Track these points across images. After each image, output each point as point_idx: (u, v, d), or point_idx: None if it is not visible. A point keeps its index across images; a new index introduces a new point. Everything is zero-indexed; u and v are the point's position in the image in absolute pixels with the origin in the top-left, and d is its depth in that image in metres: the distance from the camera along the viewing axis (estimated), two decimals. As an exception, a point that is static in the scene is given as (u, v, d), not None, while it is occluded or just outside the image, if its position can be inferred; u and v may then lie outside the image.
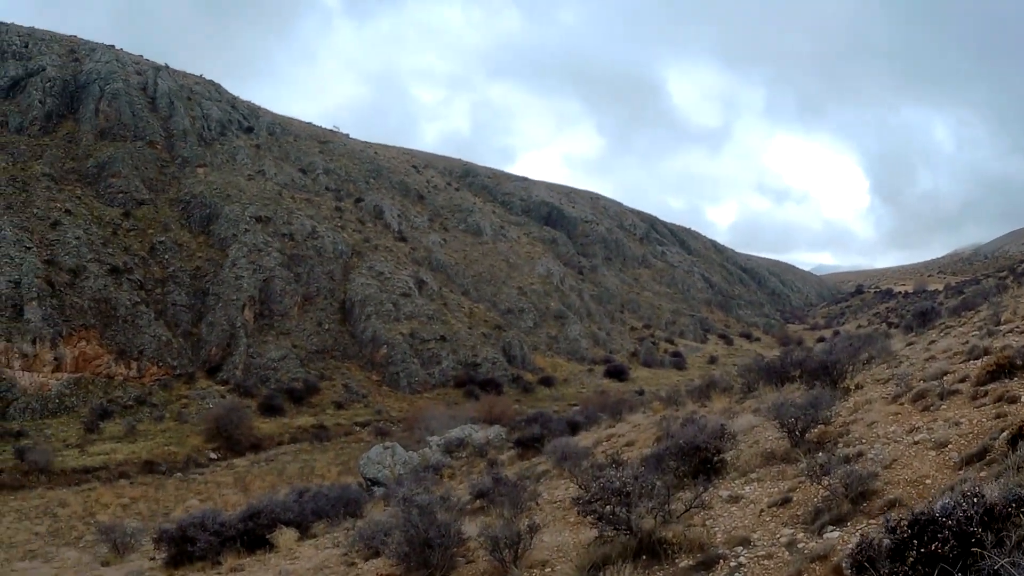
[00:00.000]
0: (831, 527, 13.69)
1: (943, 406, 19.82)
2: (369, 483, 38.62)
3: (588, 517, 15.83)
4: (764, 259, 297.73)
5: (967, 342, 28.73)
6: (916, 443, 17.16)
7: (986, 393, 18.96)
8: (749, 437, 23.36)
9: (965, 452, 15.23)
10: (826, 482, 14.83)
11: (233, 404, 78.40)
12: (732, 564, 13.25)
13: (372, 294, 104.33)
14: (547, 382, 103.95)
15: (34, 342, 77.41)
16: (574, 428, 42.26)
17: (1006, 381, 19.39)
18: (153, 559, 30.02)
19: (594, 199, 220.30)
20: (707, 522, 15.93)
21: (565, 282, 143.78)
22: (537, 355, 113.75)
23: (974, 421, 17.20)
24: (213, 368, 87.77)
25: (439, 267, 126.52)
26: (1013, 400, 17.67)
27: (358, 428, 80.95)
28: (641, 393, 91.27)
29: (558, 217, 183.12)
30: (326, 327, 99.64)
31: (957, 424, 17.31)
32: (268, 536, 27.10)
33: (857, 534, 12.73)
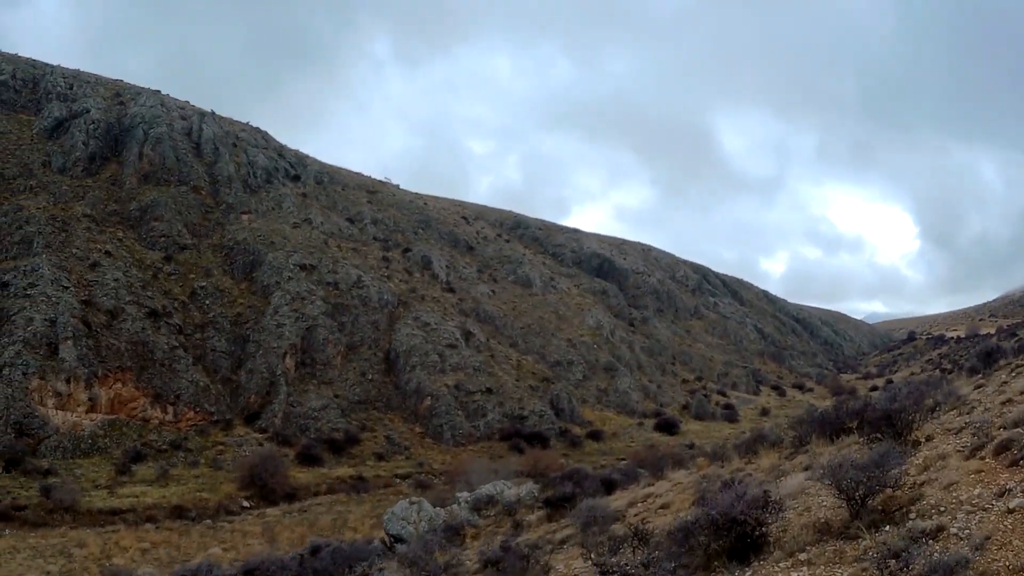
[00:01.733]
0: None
1: (1039, 461, 16.66)
2: (392, 540, 36.14)
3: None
4: (816, 309, 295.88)
5: None
6: (1011, 511, 14.38)
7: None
8: (799, 503, 20.11)
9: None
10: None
11: (269, 452, 76.56)
12: None
13: (417, 344, 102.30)
14: (595, 436, 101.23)
15: (68, 381, 76.21)
16: (610, 487, 38.96)
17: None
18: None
19: (646, 250, 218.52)
20: None
21: (615, 334, 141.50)
22: (586, 408, 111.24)
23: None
24: (252, 416, 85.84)
25: (487, 318, 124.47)
26: None
27: (398, 480, 78.64)
28: (691, 447, 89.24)
29: (609, 269, 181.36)
30: (369, 377, 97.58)
31: (1068, 486, 14.25)
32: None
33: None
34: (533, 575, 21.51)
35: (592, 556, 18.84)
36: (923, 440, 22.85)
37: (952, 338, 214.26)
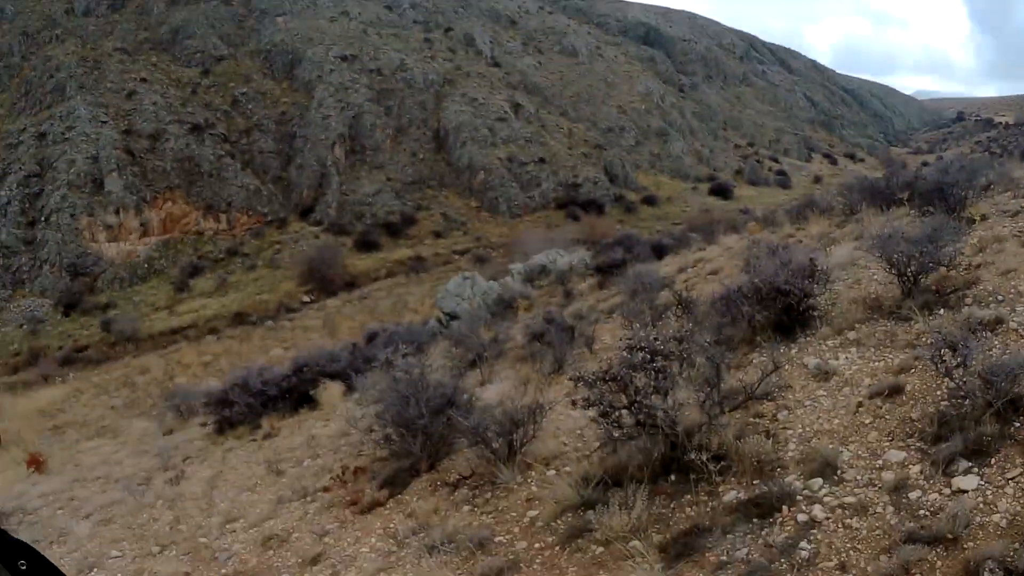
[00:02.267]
0: (965, 463, 9.16)
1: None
2: (448, 317, 35.95)
3: (591, 411, 11.40)
4: (866, 81, 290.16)
5: None
6: None
7: None
8: (849, 274, 18.54)
9: None
10: (958, 376, 10.20)
11: (325, 244, 77.46)
12: (801, 520, 9.06)
13: (466, 120, 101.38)
14: (650, 201, 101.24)
15: (117, 212, 77.41)
16: (660, 252, 38.56)
17: None
18: (204, 424, 27.74)
19: (691, 18, 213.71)
20: (779, 415, 11.87)
21: (666, 100, 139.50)
22: (640, 174, 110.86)
23: None
24: (306, 211, 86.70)
25: (535, 90, 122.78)
26: None
27: (457, 256, 79.29)
28: (746, 212, 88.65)
29: (655, 37, 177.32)
30: (420, 157, 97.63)
31: None
32: (311, 393, 24.84)
33: (1009, 489, 8.62)
34: (578, 346, 20.56)
35: (631, 324, 18.21)
36: (977, 219, 21.20)
37: (1001, 123, 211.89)
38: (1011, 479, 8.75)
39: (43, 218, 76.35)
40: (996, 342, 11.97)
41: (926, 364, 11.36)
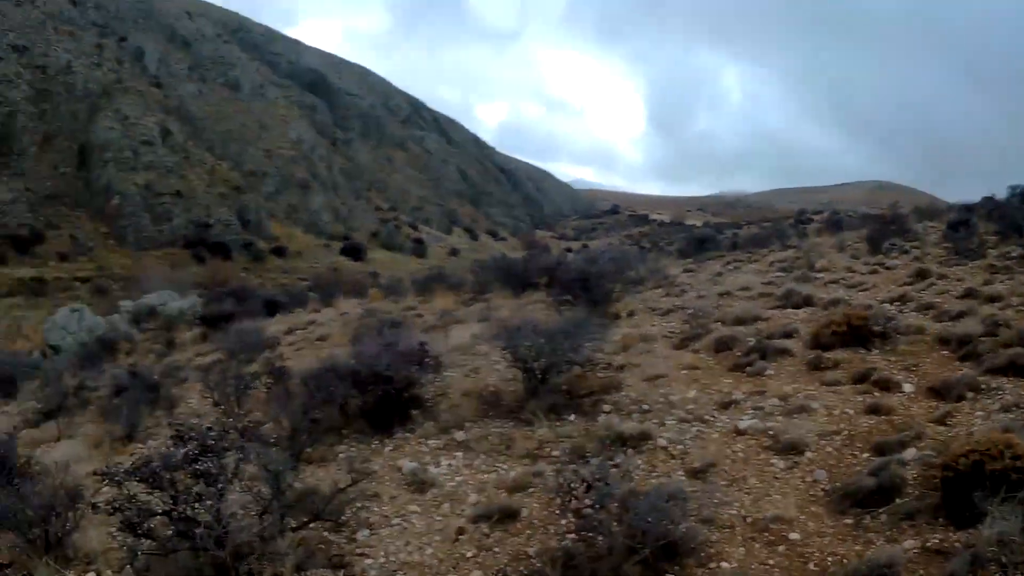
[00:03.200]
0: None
1: (769, 371, 15.21)
2: (54, 351, 35.49)
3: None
4: (524, 163, 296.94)
5: (771, 283, 25.08)
6: (740, 433, 12.25)
7: (835, 364, 14.92)
8: (468, 361, 17.68)
9: (842, 482, 10.29)
10: (590, 512, 9.03)
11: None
12: None
13: (114, 139, 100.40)
14: (280, 252, 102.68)
15: None
16: (273, 308, 37.44)
17: (860, 351, 15.48)
18: None
19: (364, 74, 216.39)
20: (359, 534, 10.46)
21: (316, 151, 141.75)
22: (275, 223, 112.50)
23: (835, 412, 12.60)
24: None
25: (189, 119, 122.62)
26: (884, 385, 13.47)
27: (78, 284, 78.01)
28: (375, 275, 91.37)
29: (322, 85, 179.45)
30: (62, 171, 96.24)
31: (807, 410, 12.56)
32: None
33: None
34: (161, 407, 19.12)
35: (212, 397, 17.25)
36: (624, 315, 21.46)
37: (657, 220, 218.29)
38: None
39: None
40: (640, 463, 11.24)
41: (548, 481, 10.57)
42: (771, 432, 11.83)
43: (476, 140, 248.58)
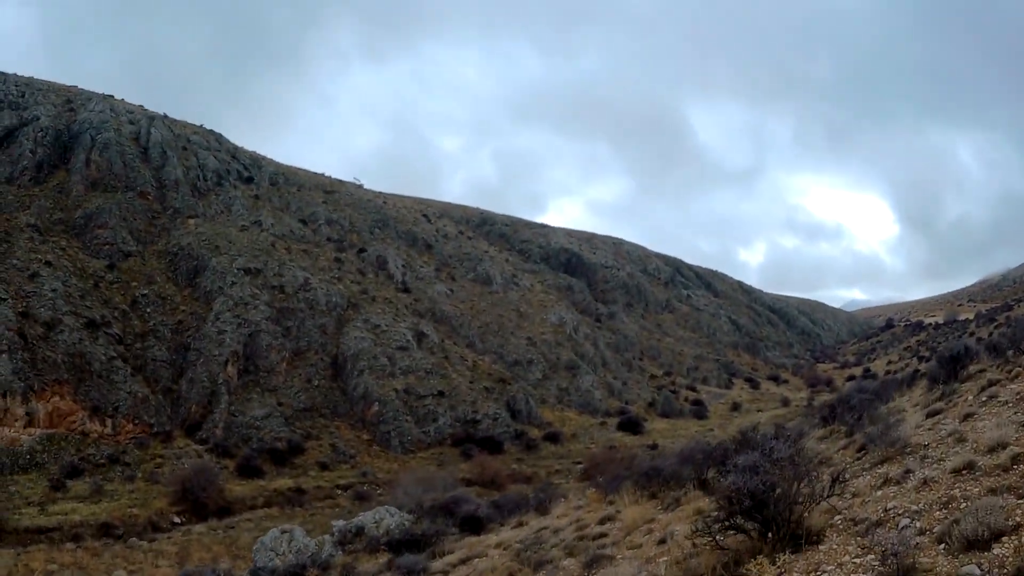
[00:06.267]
0: None
1: None
2: (259, 572, 33.28)
3: None
4: (794, 298, 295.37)
5: None
6: None
7: None
8: None
9: None
10: None
11: (203, 465, 73.18)
12: None
13: (366, 348, 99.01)
14: (553, 438, 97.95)
15: (5, 395, 73.43)
16: (476, 526, 33.05)
17: None
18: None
19: (616, 244, 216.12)
20: None
21: (579, 331, 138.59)
22: (545, 409, 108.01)
23: None
24: (192, 427, 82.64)
25: (443, 319, 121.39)
26: None
27: (339, 492, 75.43)
28: (654, 447, 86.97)
29: (577, 263, 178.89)
30: (315, 383, 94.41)
31: None
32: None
33: None
34: None
35: None
36: (805, 539, 12.74)
37: (931, 324, 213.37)
38: None
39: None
40: None
41: None
42: None
43: (742, 286, 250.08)
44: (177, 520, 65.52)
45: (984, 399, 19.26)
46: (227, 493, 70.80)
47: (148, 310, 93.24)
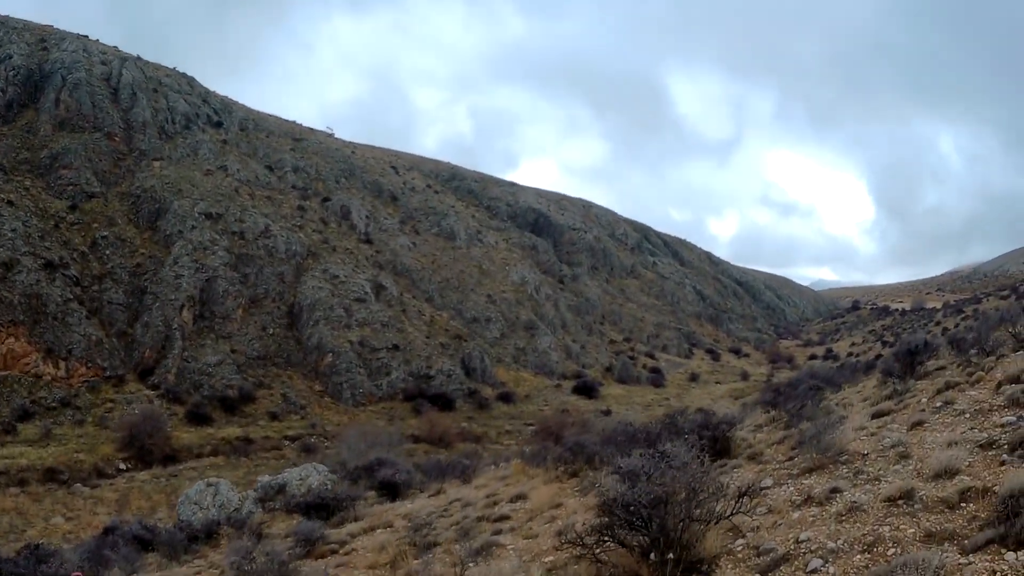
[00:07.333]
0: None
1: None
2: (183, 525, 32.26)
3: None
4: (761, 273, 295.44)
5: (992, 444, 13.07)
6: None
7: None
8: None
9: None
10: None
11: (152, 411, 72.98)
12: None
13: (323, 298, 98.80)
14: (506, 398, 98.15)
15: (-42, 335, 73.46)
16: (394, 491, 32.41)
17: None
18: None
19: (586, 207, 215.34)
20: None
21: (541, 291, 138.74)
22: (500, 368, 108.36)
23: None
24: (145, 371, 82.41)
25: (403, 271, 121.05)
26: None
27: (287, 443, 75.53)
28: (607, 413, 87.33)
29: (544, 224, 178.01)
30: (271, 332, 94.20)
31: None
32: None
33: None
34: None
35: None
36: (694, 566, 11.30)
37: (897, 310, 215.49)
38: None
39: None
40: None
41: None
42: None
43: (710, 257, 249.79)
44: (123, 467, 65.56)
45: (938, 404, 17.98)
46: (174, 440, 70.95)
47: (107, 252, 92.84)
